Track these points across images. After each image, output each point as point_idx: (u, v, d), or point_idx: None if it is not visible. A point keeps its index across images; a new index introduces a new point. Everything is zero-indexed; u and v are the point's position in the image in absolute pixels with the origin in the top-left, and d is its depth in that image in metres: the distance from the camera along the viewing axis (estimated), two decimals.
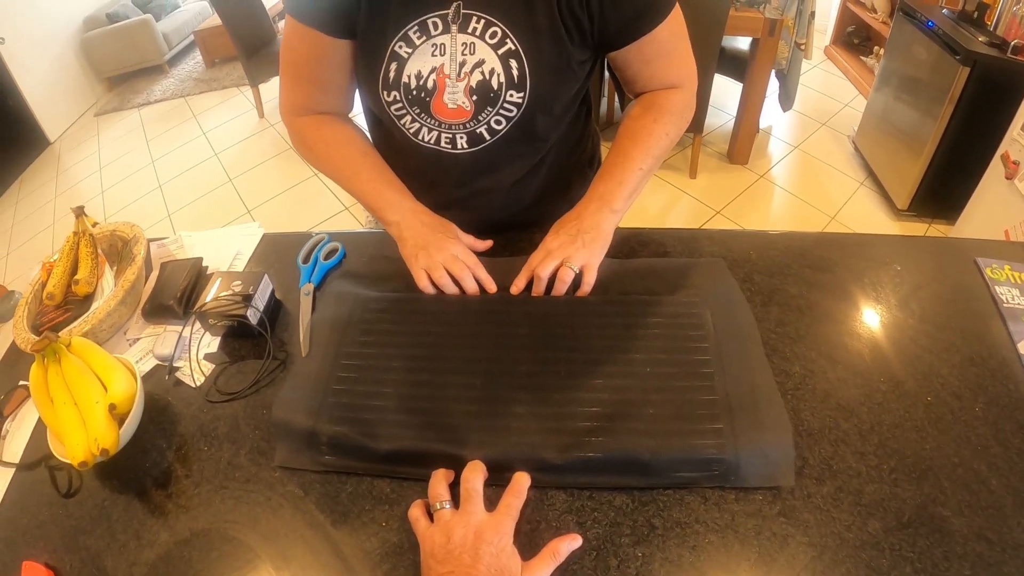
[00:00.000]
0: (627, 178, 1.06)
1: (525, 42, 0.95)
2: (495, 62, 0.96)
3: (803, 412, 0.87)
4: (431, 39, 0.96)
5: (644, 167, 1.07)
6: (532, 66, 0.96)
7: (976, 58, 2.56)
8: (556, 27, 0.95)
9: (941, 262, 1.11)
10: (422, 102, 1.01)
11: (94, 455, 0.83)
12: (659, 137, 1.08)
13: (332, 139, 1.14)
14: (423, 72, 0.98)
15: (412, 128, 1.06)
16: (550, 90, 1.01)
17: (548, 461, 0.81)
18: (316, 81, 1.09)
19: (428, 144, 1.07)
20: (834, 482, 0.79)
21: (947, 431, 0.83)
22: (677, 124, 1.11)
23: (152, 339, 1.08)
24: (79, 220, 1.21)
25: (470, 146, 1.06)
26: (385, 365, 0.95)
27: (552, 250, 1.03)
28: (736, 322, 0.98)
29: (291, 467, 0.86)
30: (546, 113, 1.04)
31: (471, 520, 0.72)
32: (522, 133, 1.05)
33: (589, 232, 1.04)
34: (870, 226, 3.15)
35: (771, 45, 3.07)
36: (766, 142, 3.86)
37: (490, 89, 0.98)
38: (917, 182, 2.98)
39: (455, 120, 1.02)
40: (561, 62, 0.98)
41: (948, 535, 0.73)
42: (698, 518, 0.77)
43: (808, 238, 1.16)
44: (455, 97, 0.99)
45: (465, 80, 0.98)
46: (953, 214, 2.84)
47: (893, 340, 0.96)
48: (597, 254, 1.04)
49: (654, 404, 0.86)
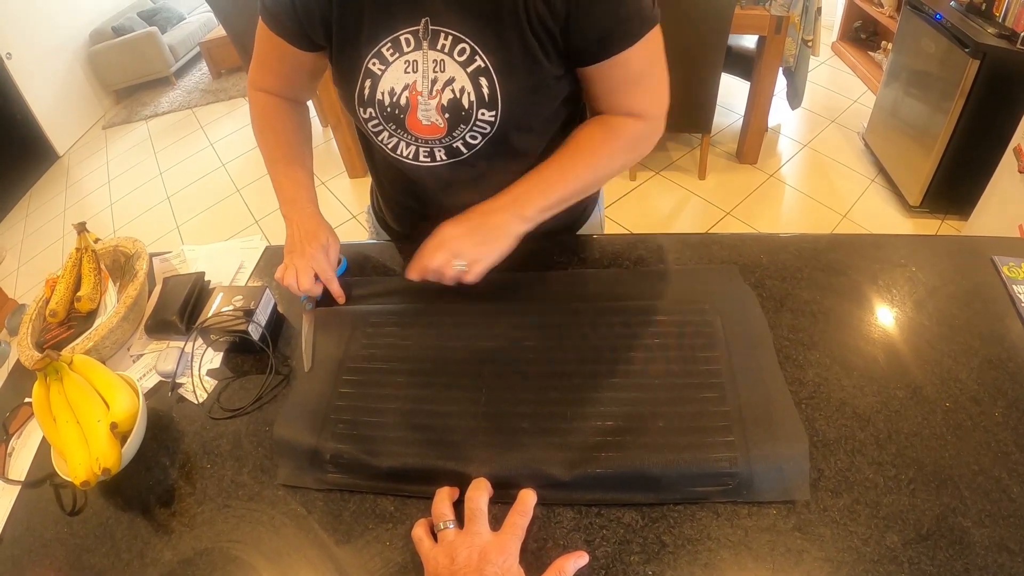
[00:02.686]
0: (552, 188, 1.01)
1: (494, 59, 0.92)
2: (464, 80, 0.93)
3: (818, 422, 0.85)
4: (404, 56, 0.94)
5: (576, 185, 1.03)
6: (503, 84, 0.93)
7: (986, 50, 2.52)
8: (527, 42, 0.90)
9: (957, 261, 1.08)
10: (397, 119, 0.99)
11: (96, 474, 0.82)
12: (600, 158, 1.03)
13: (273, 124, 1.17)
14: (396, 89, 0.97)
15: (390, 143, 1.04)
16: (524, 108, 0.97)
17: (555, 477, 0.79)
18: (277, 74, 1.13)
19: (407, 159, 1.05)
20: (851, 494, 0.77)
21: (966, 438, 0.81)
22: (626, 153, 1.07)
23: (155, 355, 1.08)
24: (81, 236, 1.20)
25: (449, 158, 1.03)
26: (388, 380, 0.94)
27: (445, 240, 0.99)
28: (748, 330, 0.96)
29: (294, 485, 0.86)
30: (523, 130, 1.01)
31: (476, 541, 0.71)
32: (500, 148, 1.01)
33: (492, 231, 0.99)
34: (882, 223, 3.12)
35: (778, 43, 3.05)
36: (775, 141, 3.82)
37: (461, 108, 0.95)
38: (929, 178, 2.95)
39: (431, 136, 1.00)
40: (535, 79, 0.95)
41: (968, 546, 0.71)
42: (710, 534, 0.75)
43: (821, 240, 1.14)
44: (428, 114, 0.97)
45: (437, 98, 0.96)
46: (966, 209, 2.80)
47: (910, 344, 0.94)
48: (492, 254, 0.99)
49: (664, 417, 0.84)
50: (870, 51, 4.49)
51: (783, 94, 3.54)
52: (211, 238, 0.99)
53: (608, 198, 3.44)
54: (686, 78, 3.06)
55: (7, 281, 3.61)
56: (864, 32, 4.66)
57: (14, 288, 3.55)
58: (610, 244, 1.19)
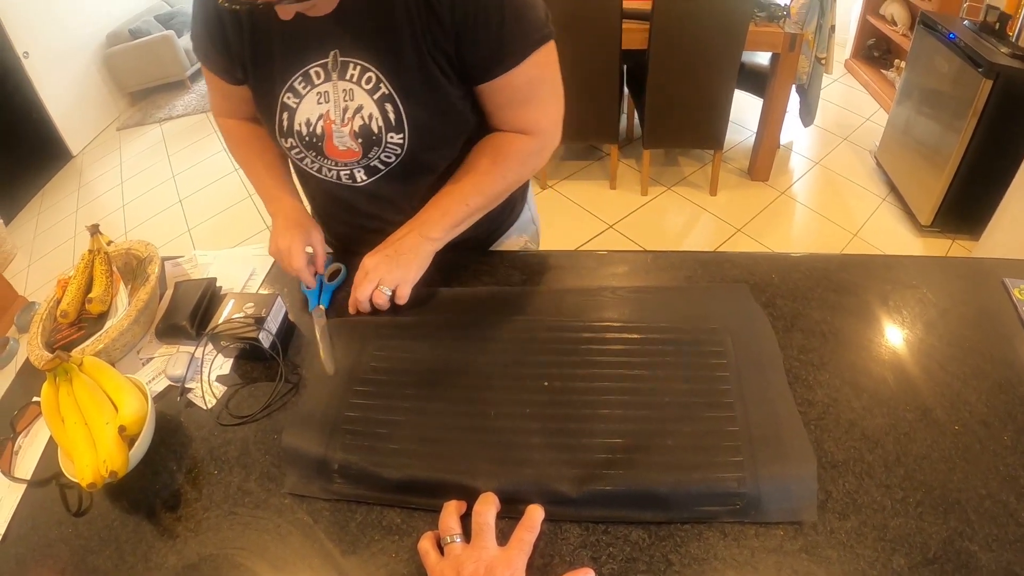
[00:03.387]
0: (453, 210, 1.09)
1: (397, 85, 0.97)
2: (372, 107, 0.99)
3: (826, 443, 0.84)
4: (315, 88, 1.00)
5: (472, 204, 1.10)
6: (407, 108, 0.98)
7: (999, 70, 2.52)
8: (426, 67, 0.95)
9: (968, 283, 1.08)
10: (315, 146, 1.05)
11: (103, 477, 0.82)
12: (495, 177, 1.10)
13: (247, 140, 1.22)
14: (311, 120, 1.03)
15: (313, 167, 1.11)
16: (430, 129, 1.02)
17: (563, 494, 0.79)
18: (230, 103, 1.19)
19: (331, 180, 1.12)
20: (858, 516, 0.76)
21: (975, 461, 0.81)
22: (518, 170, 1.12)
23: (165, 359, 1.08)
24: (94, 238, 1.21)
25: (369, 177, 1.09)
26: (398, 392, 0.94)
27: (368, 271, 1.07)
28: (758, 350, 0.96)
29: (301, 494, 0.85)
30: (432, 149, 1.07)
31: (482, 555, 0.71)
32: (413, 166, 1.07)
33: (405, 255, 1.07)
34: (893, 243, 3.11)
35: (791, 60, 3.05)
36: (787, 158, 3.82)
37: (371, 132, 1.01)
38: (940, 197, 2.94)
39: (348, 159, 1.06)
40: (438, 101, 1.00)
41: (975, 571, 0.70)
42: (716, 554, 0.74)
43: (832, 260, 1.14)
44: (343, 140, 1.03)
45: (349, 125, 1.01)
46: (977, 229, 2.79)
47: (920, 366, 0.94)
48: (413, 273, 1.08)
49: (673, 435, 0.84)
50: (883, 69, 4.49)
51: (795, 111, 3.54)
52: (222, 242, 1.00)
53: (619, 212, 3.46)
54: (699, 94, 3.09)
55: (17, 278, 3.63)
56: (877, 50, 4.66)
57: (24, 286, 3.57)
58: (622, 260, 1.19)
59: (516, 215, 1.34)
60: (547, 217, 3.49)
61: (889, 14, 4.23)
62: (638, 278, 1.14)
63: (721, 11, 2.80)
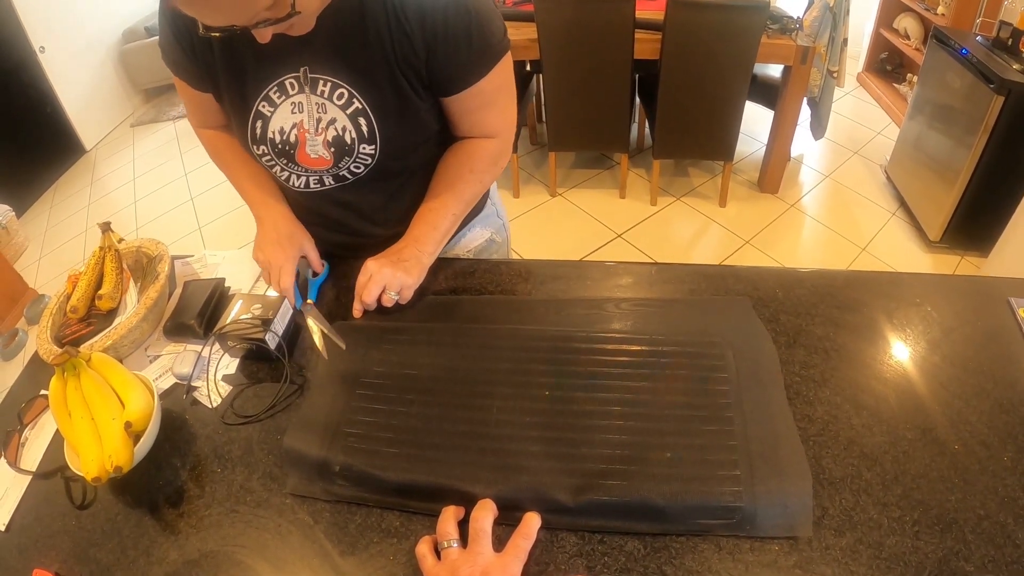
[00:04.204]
0: (440, 223, 1.15)
1: (370, 100, 1.01)
2: (345, 120, 1.03)
3: (824, 459, 0.85)
4: (290, 98, 1.03)
5: (457, 211, 1.17)
6: (380, 123, 1.03)
7: (1011, 87, 2.51)
8: (397, 82, 1.00)
9: (973, 302, 1.08)
10: (288, 154, 1.08)
11: (108, 471, 0.83)
12: (473, 184, 1.17)
13: (224, 149, 1.23)
14: (285, 128, 1.05)
15: (283, 176, 1.13)
16: (400, 140, 1.07)
17: (561, 503, 0.80)
18: (204, 113, 1.18)
19: (300, 188, 1.15)
20: (854, 533, 0.76)
21: (974, 481, 0.81)
22: (490, 171, 1.19)
23: (172, 357, 1.09)
24: (105, 235, 1.22)
25: (336, 183, 1.13)
26: (400, 397, 0.95)
27: (373, 274, 1.08)
28: (759, 364, 0.96)
29: (302, 495, 0.86)
30: (399, 159, 1.11)
31: (478, 560, 0.72)
32: (381, 173, 1.12)
33: (406, 262, 1.11)
34: (901, 258, 3.09)
35: (803, 73, 3.05)
36: (797, 170, 3.81)
37: (344, 144, 1.05)
38: (950, 213, 2.93)
39: (319, 167, 1.09)
40: (408, 114, 1.05)
41: None
42: (711, 567, 0.75)
43: (838, 276, 1.14)
44: (316, 149, 1.06)
45: (322, 134, 1.05)
46: (987, 246, 2.78)
47: (921, 385, 0.94)
48: (415, 277, 1.11)
49: (671, 448, 0.84)
50: (895, 83, 4.47)
51: (806, 124, 3.53)
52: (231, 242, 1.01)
53: (628, 222, 3.46)
54: (711, 105, 3.09)
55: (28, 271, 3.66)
56: (890, 64, 4.64)
57: (35, 278, 3.59)
58: (627, 272, 1.20)
59: (479, 209, 1.37)
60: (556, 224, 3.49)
61: (902, 28, 4.22)
62: (642, 290, 1.14)
63: (734, 23, 2.79)
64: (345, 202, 1.18)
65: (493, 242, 1.42)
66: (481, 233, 1.39)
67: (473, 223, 1.37)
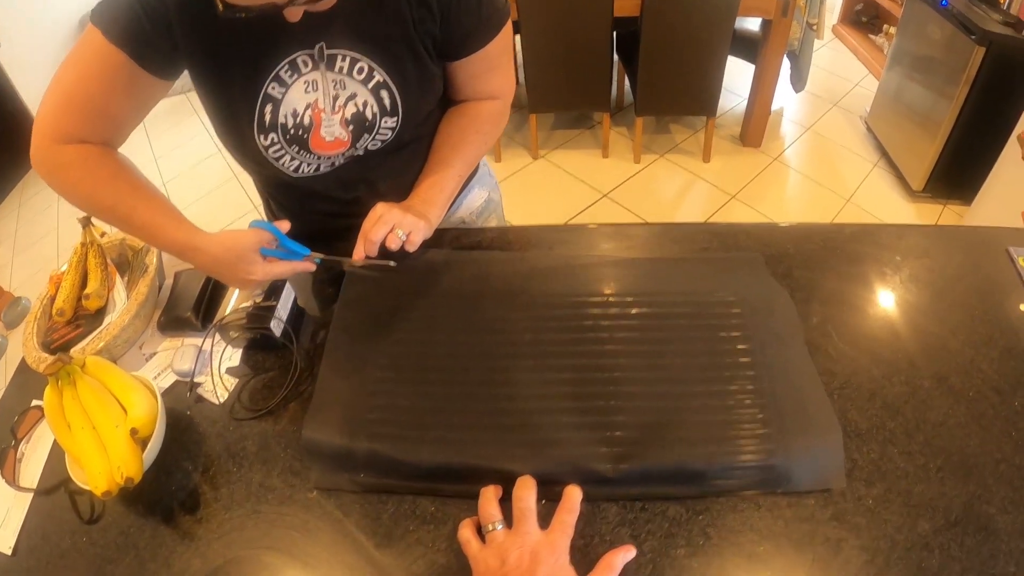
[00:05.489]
0: (446, 184, 1.13)
1: (392, 73, 0.99)
2: (367, 95, 1.00)
3: (850, 412, 0.86)
4: (302, 76, 0.96)
5: (461, 172, 1.16)
6: (403, 94, 1.01)
7: (992, 38, 2.54)
8: (416, 50, 0.99)
9: (974, 252, 1.10)
10: (300, 139, 1.01)
11: (118, 484, 0.79)
12: (478, 145, 1.17)
13: (112, 170, 0.98)
14: (299, 110, 0.99)
15: (292, 166, 1.06)
16: (419, 109, 1.07)
17: (600, 473, 0.79)
18: (102, 112, 0.95)
19: (308, 175, 1.09)
20: (883, 483, 0.78)
21: (989, 427, 0.83)
22: (494, 132, 1.21)
23: (169, 353, 1.04)
24: (86, 230, 1.16)
25: (346, 160, 1.09)
26: (422, 378, 0.92)
27: (382, 214, 1.03)
28: (777, 320, 0.97)
29: (328, 488, 0.83)
30: (414, 128, 1.09)
31: (526, 540, 0.70)
32: (394, 145, 1.09)
33: (416, 215, 1.06)
34: (885, 208, 3.13)
35: (784, 25, 3.02)
36: (778, 124, 3.80)
37: (364, 119, 1.02)
38: (932, 163, 2.97)
39: (334, 152, 1.05)
40: (426, 81, 1.04)
41: (993, 533, 0.73)
42: (752, 525, 0.76)
43: (845, 230, 1.15)
44: (332, 130, 1.02)
45: (340, 112, 1.00)
46: (969, 195, 2.82)
47: (933, 335, 0.96)
48: (421, 228, 1.05)
49: (701, 410, 0.84)
50: (871, 34, 4.46)
51: (786, 77, 3.51)
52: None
53: (612, 181, 3.44)
54: (693, 60, 3.08)
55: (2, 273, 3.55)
56: (865, 15, 4.63)
57: (9, 280, 3.48)
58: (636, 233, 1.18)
59: (475, 170, 1.36)
60: (540, 187, 3.48)
61: None
62: (653, 250, 1.13)
63: None
64: (356, 180, 1.13)
65: (491, 201, 1.41)
66: (480, 194, 1.38)
67: (472, 184, 1.35)
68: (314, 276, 1.10)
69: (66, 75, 0.92)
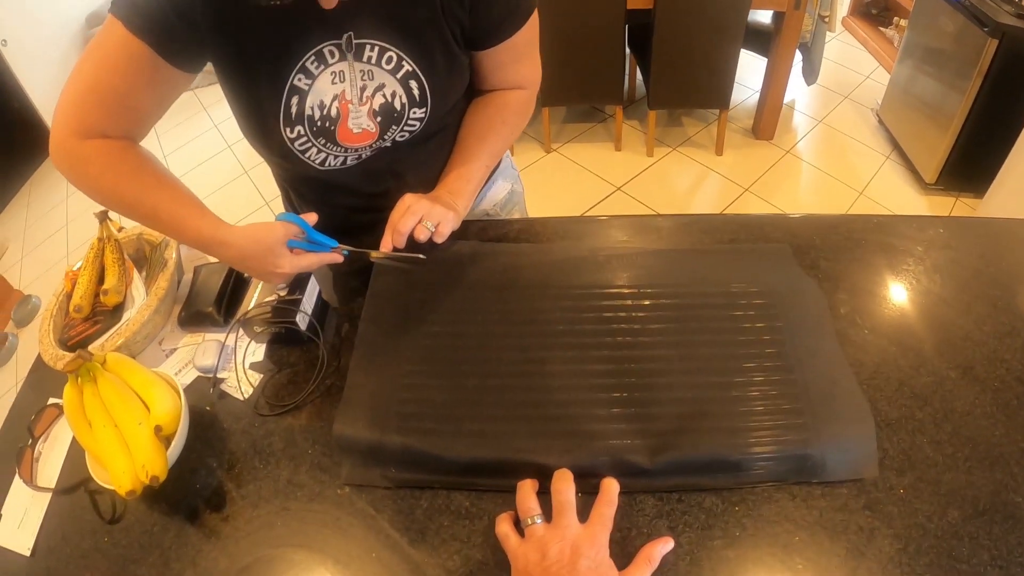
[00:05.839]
0: (473, 175, 1.12)
1: (421, 62, 0.98)
2: (395, 85, 0.98)
3: (879, 402, 0.86)
4: (329, 67, 0.94)
5: (488, 163, 1.16)
6: (431, 84, 1.00)
7: (1004, 30, 2.51)
8: (445, 38, 0.97)
9: (996, 243, 1.10)
10: (327, 132, 1.00)
11: (143, 483, 0.77)
12: (505, 135, 1.16)
13: (122, 168, 0.94)
14: (325, 102, 0.97)
15: (318, 159, 1.04)
16: (447, 99, 1.06)
17: (638, 465, 0.78)
18: (124, 105, 0.92)
19: (335, 167, 1.08)
20: (914, 472, 0.79)
21: (1014, 416, 0.83)
22: (520, 123, 1.19)
23: (191, 348, 1.02)
24: (103, 225, 1.14)
25: (372, 152, 1.08)
26: (453, 371, 0.90)
27: (411, 205, 1.03)
28: (807, 311, 0.96)
29: (359, 484, 0.82)
30: (442, 119, 1.08)
31: (567, 534, 0.70)
32: (422, 135, 1.08)
33: (444, 206, 1.06)
34: (898, 200, 3.11)
35: (797, 18, 2.99)
36: (790, 116, 3.78)
37: (393, 110, 1.01)
38: (945, 155, 2.95)
39: (361, 144, 1.04)
40: (454, 70, 1.03)
41: (1020, 521, 0.73)
42: (787, 515, 0.76)
43: (872, 221, 1.14)
44: (359, 121, 1.00)
45: (368, 104, 0.99)
46: (982, 188, 2.80)
47: (957, 325, 0.96)
48: (449, 218, 1.06)
49: (735, 401, 0.84)
50: (881, 27, 4.43)
51: (798, 69, 3.49)
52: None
53: (625, 175, 3.43)
54: (706, 53, 3.06)
55: (11, 272, 3.54)
56: (875, 7, 4.59)
57: (19, 279, 3.48)
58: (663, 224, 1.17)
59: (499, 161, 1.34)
60: (553, 180, 3.46)
61: None
62: (681, 242, 1.12)
63: None
64: (382, 172, 1.12)
65: (515, 192, 1.41)
66: (503, 186, 1.37)
67: (495, 176, 1.35)
68: (338, 269, 1.08)
69: (87, 67, 0.89)
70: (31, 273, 3.50)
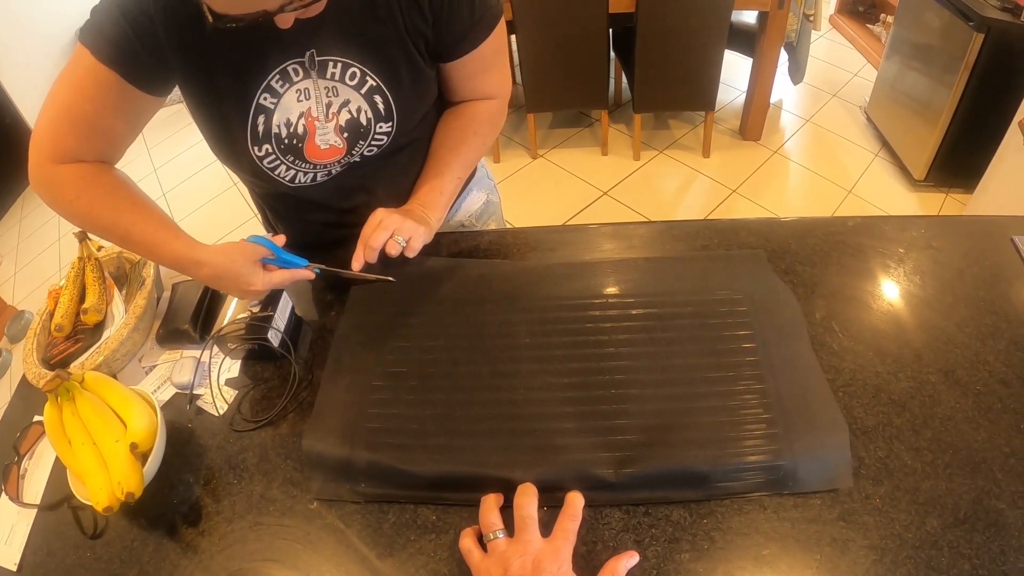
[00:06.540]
0: (445, 187, 1.12)
1: (385, 77, 0.98)
2: (360, 100, 0.99)
3: (856, 410, 0.85)
4: (294, 85, 0.95)
5: (460, 175, 1.15)
6: (397, 98, 1.00)
7: (990, 24, 2.51)
8: (409, 53, 0.98)
9: (979, 242, 1.09)
10: (295, 149, 1.00)
11: (119, 499, 0.78)
12: (476, 146, 1.16)
13: (96, 192, 0.96)
14: (292, 119, 0.98)
15: (288, 176, 1.05)
16: (413, 113, 1.06)
17: (603, 479, 0.78)
18: (96, 130, 0.94)
19: (305, 184, 1.08)
20: (891, 481, 0.78)
21: (997, 421, 0.82)
22: (491, 133, 1.19)
23: (168, 366, 1.04)
24: (83, 245, 1.15)
25: (342, 168, 1.08)
26: (421, 385, 0.91)
27: (382, 220, 1.03)
28: (781, 318, 0.95)
29: (329, 498, 0.83)
30: (409, 132, 1.08)
31: (528, 549, 0.70)
32: (391, 149, 1.08)
33: (415, 220, 1.06)
34: (888, 198, 3.11)
35: (781, 17, 3.00)
36: (777, 116, 3.78)
37: (359, 126, 1.01)
38: (933, 152, 2.94)
39: (329, 159, 1.04)
40: (420, 83, 1.03)
41: (1004, 528, 0.72)
42: (758, 528, 0.75)
43: (847, 223, 1.14)
44: (326, 138, 1.01)
45: (334, 120, 0.99)
46: (971, 183, 2.79)
47: (938, 328, 0.95)
48: (421, 232, 1.05)
49: (706, 412, 0.84)
50: (868, 24, 4.43)
51: (783, 69, 3.49)
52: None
53: (612, 179, 3.43)
54: (690, 55, 3.05)
55: (4, 288, 3.55)
56: (862, 5, 4.59)
57: (12, 294, 3.49)
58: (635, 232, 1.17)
59: (473, 172, 1.35)
60: (540, 186, 3.46)
61: None
62: (654, 249, 1.12)
63: None
64: (353, 187, 1.12)
65: (490, 203, 1.41)
66: (478, 196, 1.37)
67: (470, 187, 1.35)
68: (313, 285, 1.10)
69: (59, 94, 0.92)
70: (24, 289, 3.51)
